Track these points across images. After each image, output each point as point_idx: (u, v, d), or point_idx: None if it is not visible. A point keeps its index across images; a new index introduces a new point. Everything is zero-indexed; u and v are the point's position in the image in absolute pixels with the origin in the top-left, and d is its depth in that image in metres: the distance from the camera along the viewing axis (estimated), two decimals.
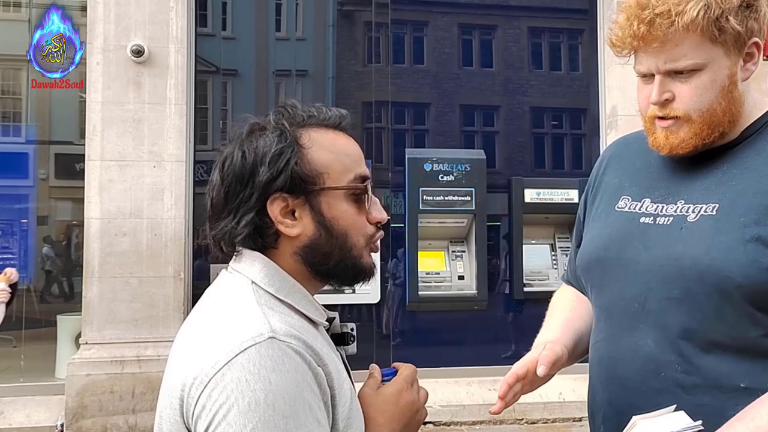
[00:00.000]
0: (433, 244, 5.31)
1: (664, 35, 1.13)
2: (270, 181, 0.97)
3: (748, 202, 1.13)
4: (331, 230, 1.00)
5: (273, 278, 0.99)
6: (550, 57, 5.87)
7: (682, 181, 1.24)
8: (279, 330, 0.90)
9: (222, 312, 0.96)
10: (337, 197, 1.00)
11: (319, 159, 0.99)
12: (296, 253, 1.00)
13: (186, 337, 0.98)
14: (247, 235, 0.98)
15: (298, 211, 0.99)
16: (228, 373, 0.86)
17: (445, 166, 5.21)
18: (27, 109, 5.55)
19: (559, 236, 5.43)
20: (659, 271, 1.18)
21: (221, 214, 1.01)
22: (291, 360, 0.88)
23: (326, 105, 1.06)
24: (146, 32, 4.72)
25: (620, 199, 1.32)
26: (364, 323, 5.26)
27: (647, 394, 1.15)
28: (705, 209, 1.17)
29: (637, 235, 1.24)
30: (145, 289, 4.61)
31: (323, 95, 5.59)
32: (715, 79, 1.16)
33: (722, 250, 1.11)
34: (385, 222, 1.09)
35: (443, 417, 4.82)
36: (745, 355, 1.11)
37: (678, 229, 1.18)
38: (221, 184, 1.00)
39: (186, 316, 1.10)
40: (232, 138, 1.04)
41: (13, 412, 4.55)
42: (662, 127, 1.21)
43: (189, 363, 0.91)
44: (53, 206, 5.74)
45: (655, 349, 1.16)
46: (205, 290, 1.08)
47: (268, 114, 1.05)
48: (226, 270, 1.05)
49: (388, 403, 1.07)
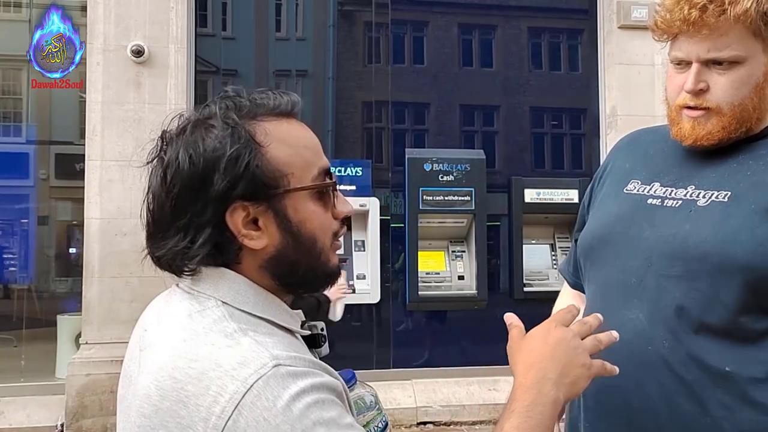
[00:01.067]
0: (433, 244, 5.30)
1: (715, 22, 1.12)
2: (228, 190, 0.83)
3: (761, 193, 1.14)
4: (298, 236, 0.88)
5: (246, 294, 0.86)
6: (549, 57, 5.87)
7: (694, 168, 1.25)
8: (280, 355, 0.79)
9: (202, 346, 0.80)
10: (303, 198, 0.88)
11: (280, 157, 0.86)
12: (262, 267, 0.88)
13: (156, 381, 0.81)
14: (206, 255, 0.85)
15: (262, 219, 0.86)
16: (240, 418, 0.74)
17: (445, 166, 5.21)
18: (27, 109, 5.55)
19: (559, 236, 5.43)
20: (663, 247, 1.18)
21: (168, 231, 0.86)
22: (303, 380, 0.78)
23: (271, 89, 0.92)
24: (146, 32, 4.72)
25: (629, 183, 1.32)
26: (364, 323, 5.26)
27: (634, 368, 1.15)
28: (717, 196, 1.17)
29: (643, 215, 1.24)
30: (146, 289, 4.61)
31: (323, 95, 5.59)
32: (752, 74, 1.16)
33: (730, 232, 1.12)
34: (350, 215, 0.96)
35: (443, 417, 4.82)
36: (733, 339, 1.12)
37: (687, 211, 1.19)
38: (166, 197, 0.86)
39: None
40: (171, 137, 0.88)
41: (13, 412, 4.55)
42: (690, 117, 1.21)
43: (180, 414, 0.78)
44: (53, 206, 5.74)
45: (645, 324, 1.17)
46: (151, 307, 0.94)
47: (207, 105, 0.90)
48: (178, 288, 0.91)
49: (535, 341, 0.93)
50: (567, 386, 0.89)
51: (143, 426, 0.81)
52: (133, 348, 0.92)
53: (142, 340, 0.90)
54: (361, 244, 5.06)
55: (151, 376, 0.82)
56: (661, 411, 1.14)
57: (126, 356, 0.94)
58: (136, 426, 0.83)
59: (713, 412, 1.11)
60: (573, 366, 0.91)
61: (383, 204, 5.19)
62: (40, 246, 5.71)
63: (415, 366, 5.11)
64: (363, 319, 5.25)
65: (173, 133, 0.89)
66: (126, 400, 0.89)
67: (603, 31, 5.45)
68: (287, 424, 0.74)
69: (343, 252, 4.95)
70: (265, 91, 0.91)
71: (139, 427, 0.82)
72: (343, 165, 5.17)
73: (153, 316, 0.93)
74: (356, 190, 5.10)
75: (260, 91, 0.91)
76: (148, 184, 0.90)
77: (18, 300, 5.30)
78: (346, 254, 4.96)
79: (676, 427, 1.14)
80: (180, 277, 0.90)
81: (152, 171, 0.90)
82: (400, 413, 4.74)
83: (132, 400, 0.85)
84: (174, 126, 0.90)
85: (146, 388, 0.82)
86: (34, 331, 5.20)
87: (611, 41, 5.28)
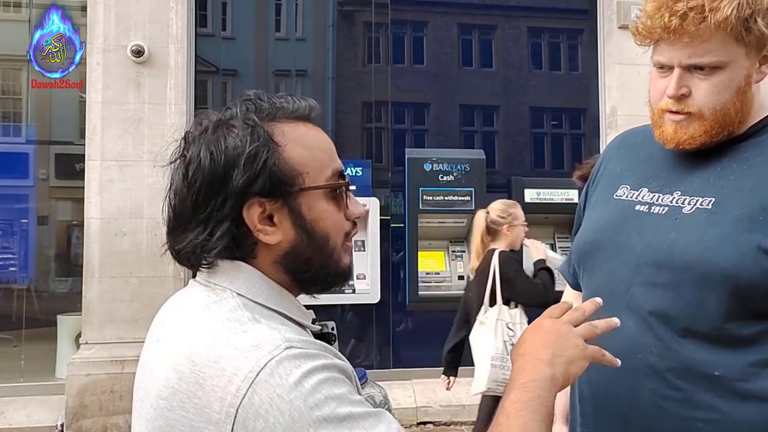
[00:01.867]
0: (432, 244, 5.31)
1: (696, 30, 1.12)
2: (247, 186, 0.87)
3: (744, 198, 1.14)
4: (312, 234, 0.92)
5: (260, 287, 0.90)
6: (549, 57, 5.87)
7: (681, 173, 1.25)
8: (293, 338, 0.83)
9: (219, 332, 0.84)
10: (317, 197, 0.93)
11: (296, 157, 0.91)
12: (277, 262, 0.92)
13: (174, 365, 0.84)
14: (224, 248, 0.89)
15: (277, 215, 0.90)
16: (255, 396, 0.77)
17: (444, 166, 5.21)
18: (27, 109, 5.55)
19: (559, 236, 5.43)
20: (649, 255, 1.19)
21: (189, 224, 0.90)
22: (314, 361, 0.81)
23: (291, 94, 0.96)
24: (146, 32, 4.72)
25: (619, 188, 1.33)
26: (364, 323, 5.27)
27: (625, 375, 1.16)
28: (701, 203, 1.18)
29: (631, 222, 1.25)
30: (145, 289, 4.61)
31: (323, 95, 5.59)
32: (734, 78, 1.16)
33: (714, 240, 1.13)
34: (362, 216, 1.00)
35: (443, 417, 4.83)
36: (721, 345, 1.12)
37: (673, 219, 1.20)
38: (187, 192, 0.89)
39: None
40: (194, 137, 0.93)
41: (13, 412, 4.55)
42: (672, 120, 1.21)
43: (197, 394, 0.81)
44: (53, 206, 5.74)
45: (634, 331, 1.18)
46: (170, 301, 0.98)
47: (229, 107, 0.94)
48: (196, 281, 0.95)
49: (527, 334, 0.99)
50: (562, 365, 0.92)
51: (160, 408, 0.84)
52: (150, 340, 0.95)
53: (160, 333, 0.93)
54: (361, 244, 5.06)
55: (170, 361, 0.85)
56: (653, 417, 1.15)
57: (144, 350, 0.96)
58: (153, 408, 0.85)
59: (704, 416, 1.12)
60: (565, 348, 0.94)
61: (383, 204, 5.19)
62: (40, 246, 5.71)
63: (415, 366, 5.12)
64: (363, 319, 5.25)
65: (195, 133, 0.93)
66: (142, 390, 0.91)
67: (603, 31, 5.45)
68: (300, 399, 0.77)
69: None
70: (285, 95, 0.95)
71: (156, 409, 0.85)
72: (343, 165, 5.17)
73: (170, 308, 0.97)
74: (356, 190, 5.09)
75: (280, 95, 0.95)
76: (170, 181, 0.93)
77: (18, 300, 5.30)
78: None
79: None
80: (197, 270, 0.94)
81: (174, 169, 0.93)
82: (400, 413, 4.74)
83: (150, 386, 0.88)
84: (196, 127, 0.94)
85: (165, 372, 0.85)
86: (34, 331, 5.21)
87: (611, 41, 5.28)
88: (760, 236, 1.10)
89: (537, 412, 0.86)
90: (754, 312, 1.11)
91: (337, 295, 4.77)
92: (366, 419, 0.79)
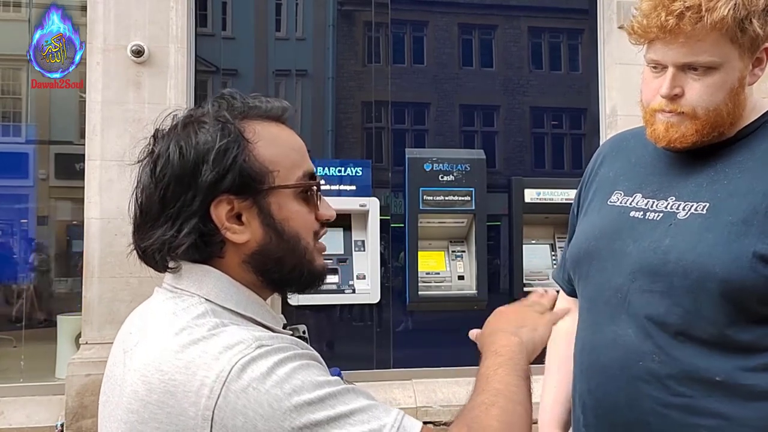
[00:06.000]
0: (433, 244, 5.30)
1: (692, 29, 1.12)
2: (216, 182, 0.86)
3: (738, 203, 1.14)
4: (281, 233, 0.90)
5: (229, 292, 0.88)
6: (550, 57, 5.87)
7: (675, 178, 1.25)
8: (263, 336, 0.82)
9: (188, 339, 0.81)
10: (287, 197, 0.91)
11: (267, 155, 0.90)
12: (245, 262, 0.90)
13: (142, 376, 0.82)
14: (191, 245, 0.87)
15: (245, 214, 0.89)
16: (230, 393, 0.76)
17: (445, 166, 5.21)
18: (27, 109, 5.55)
19: (559, 236, 5.42)
20: (645, 263, 1.19)
21: (156, 221, 0.90)
22: (285, 352, 0.80)
23: (266, 95, 0.96)
24: (146, 32, 4.72)
25: (613, 194, 1.33)
26: (364, 323, 5.27)
27: (626, 383, 1.16)
28: (696, 208, 1.18)
29: (626, 229, 1.25)
30: (146, 289, 4.57)
31: (323, 95, 5.59)
32: (727, 79, 1.16)
33: (708, 245, 1.13)
34: (333, 219, 0.99)
35: (443, 417, 4.82)
36: (721, 350, 1.12)
37: (667, 225, 1.20)
38: (155, 188, 0.89)
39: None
40: (163, 134, 0.92)
41: (13, 412, 4.55)
42: (664, 119, 1.21)
43: (169, 403, 0.78)
44: (53, 206, 5.74)
45: (634, 339, 1.18)
46: (135, 312, 0.96)
47: (201, 105, 0.94)
48: (162, 288, 0.93)
49: (493, 317, 1.07)
50: (527, 333, 0.98)
51: (130, 422, 0.82)
52: (116, 351, 0.92)
53: (126, 343, 0.91)
54: (361, 244, 5.06)
55: (137, 372, 0.83)
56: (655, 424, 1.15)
57: (109, 361, 0.94)
58: (123, 423, 0.83)
59: (706, 422, 1.12)
60: (526, 319, 1.02)
61: (383, 204, 5.19)
62: (40, 246, 5.70)
63: (415, 366, 5.11)
64: (363, 319, 5.25)
65: (164, 130, 0.93)
66: (110, 404, 0.88)
67: (603, 31, 5.45)
68: (276, 387, 0.76)
69: (343, 252, 4.96)
70: (259, 96, 0.95)
71: (126, 423, 0.82)
72: (343, 165, 5.17)
73: (137, 317, 0.94)
74: (356, 190, 5.10)
75: (254, 95, 0.95)
76: (138, 178, 0.94)
77: (18, 300, 5.30)
78: (346, 254, 4.97)
79: None
80: (162, 272, 0.93)
81: (142, 166, 0.94)
82: None
83: (119, 400, 0.86)
84: (166, 124, 0.94)
85: (133, 384, 0.83)
86: (34, 331, 5.20)
87: (611, 41, 5.28)
88: (754, 241, 1.10)
89: (513, 369, 0.89)
90: (752, 317, 1.11)
91: (337, 295, 4.77)
92: (345, 395, 0.79)
